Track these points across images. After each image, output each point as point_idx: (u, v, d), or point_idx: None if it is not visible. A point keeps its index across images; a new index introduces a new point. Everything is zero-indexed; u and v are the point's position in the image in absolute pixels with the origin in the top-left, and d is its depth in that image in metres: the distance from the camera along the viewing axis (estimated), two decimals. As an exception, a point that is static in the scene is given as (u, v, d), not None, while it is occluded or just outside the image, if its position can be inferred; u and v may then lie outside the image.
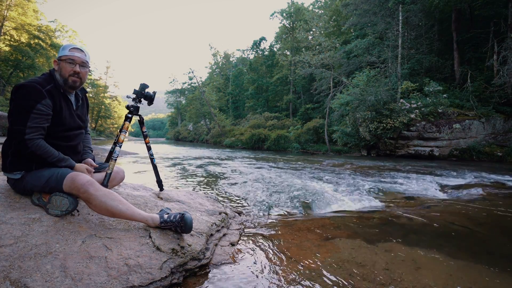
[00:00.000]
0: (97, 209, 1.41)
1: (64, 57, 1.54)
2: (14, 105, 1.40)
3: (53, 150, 1.49)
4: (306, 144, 19.29)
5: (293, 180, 5.11)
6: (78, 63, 1.56)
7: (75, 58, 1.55)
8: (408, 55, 16.26)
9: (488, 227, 2.41)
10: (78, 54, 1.56)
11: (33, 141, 1.40)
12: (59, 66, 1.55)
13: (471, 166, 8.51)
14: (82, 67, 1.59)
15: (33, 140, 1.40)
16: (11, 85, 26.12)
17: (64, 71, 1.54)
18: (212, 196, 2.80)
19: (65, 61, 1.54)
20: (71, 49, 1.56)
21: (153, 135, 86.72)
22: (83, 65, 1.59)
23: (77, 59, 1.56)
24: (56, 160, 1.49)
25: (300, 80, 26.69)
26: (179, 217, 1.47)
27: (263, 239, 2.00)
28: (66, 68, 1.54)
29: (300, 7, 30.50)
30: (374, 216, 2.67)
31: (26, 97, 1.40)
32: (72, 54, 1.54)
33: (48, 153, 1.46)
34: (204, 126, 36.99)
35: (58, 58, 1.56)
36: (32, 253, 1.17)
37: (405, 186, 4.62)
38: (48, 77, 1.54)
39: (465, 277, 1.47)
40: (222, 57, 54.17)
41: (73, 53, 1.55)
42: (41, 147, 1.43)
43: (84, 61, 1.59)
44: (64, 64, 1.54)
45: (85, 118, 1.76)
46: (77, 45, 1.60)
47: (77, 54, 1.56)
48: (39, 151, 1.43)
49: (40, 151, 1.43)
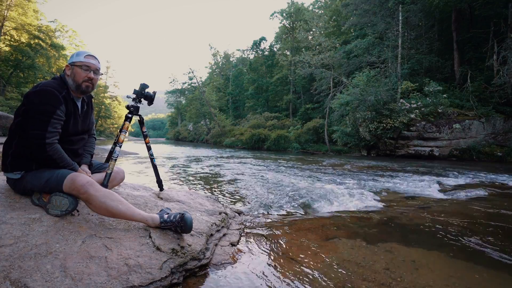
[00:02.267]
0: (97, 210, 1.41)
1: (79, 63, 1.58)
2: (34, 109, 1.42)
3: (67, 157, 1.54)
4: (306, 144, 19.30)
5: (293, 180, 5.11)
6: (92, 70, 1.62)
7: (90, 64, 1.61)
8: (408, 55, 16.26)
9: (488, 227, 2.40)
10: (93, 61, 1.62)
11: (52, 146, 1.45)
12: (72, 72, 1.58)
13: (471, 166, 8.51)
14: (95, 74, 1.64)
15: (52, 145, 1.45)
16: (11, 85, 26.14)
17: (78, 77, 1.58)
18: (212, 196, 2.81)
19: (80, 67, 1.58)
20: (86, 56, 1.61)
21: (153, 135, 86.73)
22: (96, 72, 1.64)
23: (92, 65, 1.61)
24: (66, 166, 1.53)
25: (300, 80, 26.69)
26: (179, 217, 1.47)
27: (263, 239, 2.00)
28: (81, 74, 1.58)
29: (300, 7, 30.49)
30: (374, 216, 2.67)
31: (46, 102, 1.43)
32: (87, 61, 1.60)
33: (63, 158, 1.51)
34: (204, 126, 36.99)
35: (71, 63, 1.59)
36: (32, 253, 1.17)
37: (405, 186, 4.62)
38: (61, 83, 1.57)
39: (465, 277, 1.47)
40: (222, 57, 54.16)
41: (88, 60, 1.60)
42: (58, 151, 1.48)
43: (97, 68, 1.65)
44: (79, 70, 1.58)
45: (89, 122, 1.80)
46: (91, 52, 1.66)
47: (92, 61, 1.61)
48: (56, 155, 1.47)
49: (57, 155, 1.47)
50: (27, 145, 1.46)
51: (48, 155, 1.44)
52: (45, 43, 27.92)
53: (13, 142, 1.48)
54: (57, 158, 1.48)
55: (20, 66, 25.78)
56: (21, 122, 1.46)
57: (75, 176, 1.42)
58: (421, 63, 15.99)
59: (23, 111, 1.44)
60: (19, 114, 1.46)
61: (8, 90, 25.56)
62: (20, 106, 1.47)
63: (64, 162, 1.51)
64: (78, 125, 1.65)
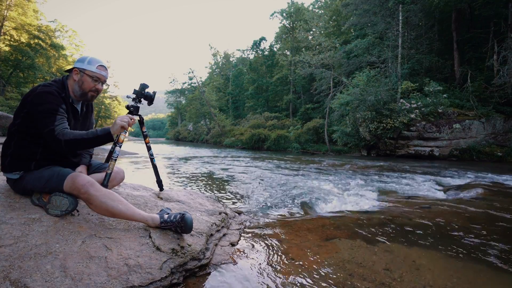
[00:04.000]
0: (97, 210, 1.41)
1: (90, 73, 1.57)
2: (39, 110, 1.41)
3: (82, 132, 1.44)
4: (306, 144, 19.29)
5: (293, 180, 5.11)
6: (102, 82, 1.62)
7: (101, 77, 1.61)
8: (408, 55, 16.25)
9: (488, 227, 2.40)
10: (104, 73, 1.62)
11: (63, 132, 1.40)
12: (80, 78, 1.57)
13: (471, 166, 8.51)
14: (102, 85, 1.66)
15: (63, 131, 1.40)
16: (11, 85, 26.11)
17: (87, 86, 1.58)
18: (212, 196, 2.81)
19: (91, 77, 1.57)
20: (98, 66, 1.59)
21: (153, 135, 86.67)
22: (104, 83, 1.65)
23: (102, 78, 1.61)
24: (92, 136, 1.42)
25: (300, 80, 26.68)
26: (179, 217, 1.47)
27: (263, 239, 2.00)
28: (89, 84, 1.58)
29: (300, 7, 30.47)
30: (374, 216, 2.67)
31: (49, 101, 1.44)
32: (99, 72, 1.59)
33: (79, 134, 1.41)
34: (204, 126, 36.98)
35: (82, 70, 1.56)
36: (32, 253, 1.17)
37: (405, 186, 4.62)
38: (61, 85, 1.56)
39: (465, 277, 1.47)
40: (222, 57, 54.15)
41: (100, 71, 1.60)
42: (71, 133, 1.42)
43: (106, 80, 1.65)
44: (88, 79, 1.57)
45: (89, 123, 1.81)
46: (102, 61, 1.63)
47: (103, 73, 1.61)
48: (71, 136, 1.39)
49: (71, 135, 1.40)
50: (27, 145, 1.47)
51: (66, 144, 1.38)
52: (45, 43, 27.89)
53: (11, 143, 1.49)
54: (73, 138, 1.39)
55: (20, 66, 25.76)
56: (21, 124, 1.46)
57: (75, 176, 1.42)
58: (421, 63, 15.98)
59: (25, 114, 1.45)
60: (19, 116, 1.47)
61: (8, 90, 25.54)
62: (20, 108, 1.47)
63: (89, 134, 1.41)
64: (78, 127, 1.67)
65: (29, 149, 1.49)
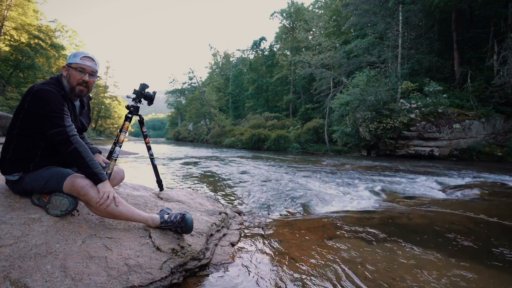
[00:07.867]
0: (97, 211, 1.40)
1: (74, 65, 1.52)
2: (46, 109, 1.38)
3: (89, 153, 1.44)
4: (306, 144, 19.30)
5: (293, 180, 5.11)
6: (88, 72, 1.55)
7: (86, 67, 1.54)
8: (408, 55, 16.25)
9: (488, 227, 2.40)
10: (89, 63, 1.55)
11: (76, 137, 1.41)
12: (68, 73, 1.54)
13: (471, 166, 8.51)
14: (91, 76, 1.57)
15: (76, 136, 1.41)
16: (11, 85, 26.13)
17: (73, 79, 1.53)
18: (212, 196, 2.80)
19: (75, 69, 1.52)
20: (82, 57, 1.54)
21: (153, 135, 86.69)
22: (92, 74, 1.57)
23: (87, 68, 1.54)
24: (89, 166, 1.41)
25: (300, 80, 26.69)
26: (180, 218, 1.47)
27: (263, 239, 2.00)
28: (75, 76, 1.52)
29: (300, 7, 30.50)
30: (374, 216, 2.67)
31: (54, 101, 1.41)
32: (83, 62, 1.53)
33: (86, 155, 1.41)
34: (204, 126, 36.98)
35: (68, 64, 1.54)
36: (32, 253, 1.17)
37: (405, 186, 4.62)
38: (57, 83, 1.53)
39: (465, 277, 1.47)
40: (222, 57, 54.18)
41: (84, 61, 1.54)
42: (83, 144, 1.43)
43: (94, 71, 1.57)
44: (74, 71, 1.52)
45: (86, 122, 1.77)
46: (88, 53, 1.59)
47: (88, 63, 1.54)
48: (81, 148, 1.40)
49: (82, 148, 1.41)
50: (26, 148, 1.44)
51: (74, 148, 1.38)
52: (45, 43, 27.93)
53: (10, 147, 1.45)
54: (82, 151, 1.40)
55: (20, 66, 25.78)
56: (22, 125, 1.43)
57: (75, 177, 1.41)
58: (421, 63, 15.99)
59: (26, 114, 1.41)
60: (19, 117, 1.43)
61: (8, 90, 25.54)
62: (20, 109, 1.43)
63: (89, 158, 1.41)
64: (78, 124, 1.64)
65: (29, 151, 1.47)
